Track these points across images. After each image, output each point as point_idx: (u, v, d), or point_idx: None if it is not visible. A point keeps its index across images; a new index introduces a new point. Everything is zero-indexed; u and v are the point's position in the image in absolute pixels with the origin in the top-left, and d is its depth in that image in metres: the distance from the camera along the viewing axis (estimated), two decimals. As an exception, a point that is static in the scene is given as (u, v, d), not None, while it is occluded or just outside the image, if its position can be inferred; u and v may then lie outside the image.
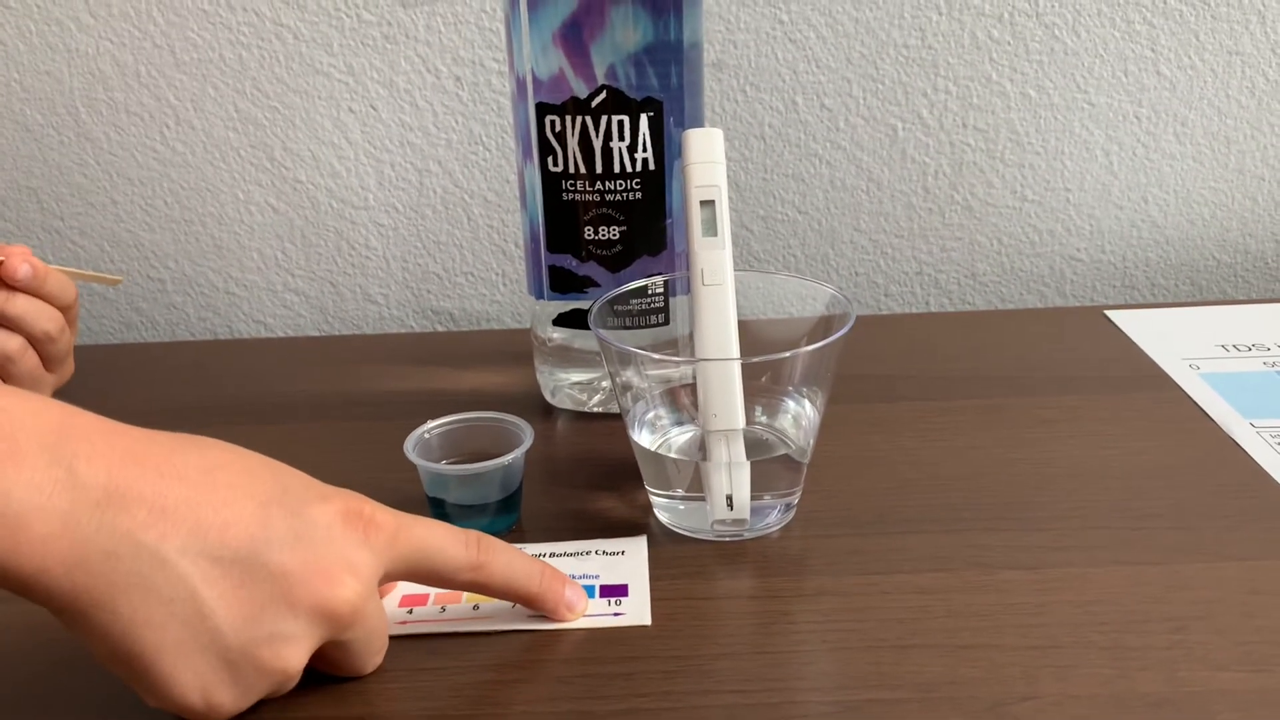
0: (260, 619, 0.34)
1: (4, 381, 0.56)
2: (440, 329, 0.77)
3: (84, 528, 0.32)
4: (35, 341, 0.56)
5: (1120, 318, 0.67)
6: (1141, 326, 0.65)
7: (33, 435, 0.32)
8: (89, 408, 0.35)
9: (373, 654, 0.38)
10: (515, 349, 0.64)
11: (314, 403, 0.61)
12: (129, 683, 0.34)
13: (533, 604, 0.41)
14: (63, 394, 0.60)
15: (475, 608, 0.42)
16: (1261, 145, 0.73)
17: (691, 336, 0.45)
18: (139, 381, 0.65)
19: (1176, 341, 0.63)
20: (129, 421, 0.35)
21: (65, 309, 0.57)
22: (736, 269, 0.45)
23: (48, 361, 0.57)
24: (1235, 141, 0.72)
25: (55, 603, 0.32)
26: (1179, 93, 0.71)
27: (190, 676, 0.33)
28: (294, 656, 0.35)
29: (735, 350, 0.44)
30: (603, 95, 0.52)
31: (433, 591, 0.43)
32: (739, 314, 0.45)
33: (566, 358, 0.57)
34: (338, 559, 0.35)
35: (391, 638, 0.40)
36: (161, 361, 0.69)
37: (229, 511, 0.34)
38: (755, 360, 0.44)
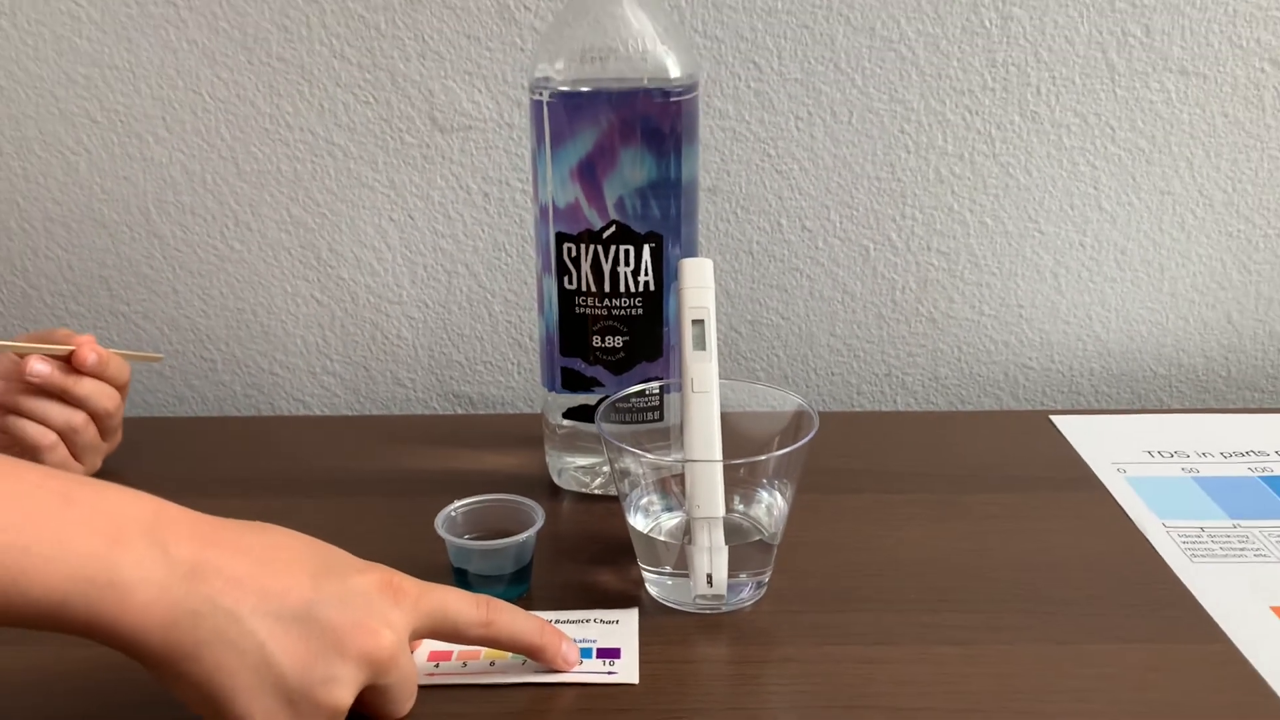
0: (315, 665, 0.41)
1: (69, 450, 0.63)
2: (460, 411, 0.83)
3: (175, 594, 0.39)
4: (96, 417, 0.63)
5: (1062, 423, 0.72)
6: (1080, 432, 0.71)
7: (133, 523, 0.40)
8: (145, 474, 0.43)
9: (406, 699, 0.45)
10: (526, 432, 0.70)
11: (348, 478, 0.67)
12: (211, 720, 0.41)
13: (535, 654, 0.48)
14: (122, 459, 0.66)
15: (492, 664, 0.49)
16: (1191, 273, 0.79)
17: (682, 433, 0.52)
18: (189, 452, 0.70)
19: (1109, 446, 0.69)
20: (180, 488, 0.43)
21: (121, 388, 0.64)
22: (722, 377, 0.52)
23: (104, 433, 0.64)
24: (1168, 269, 0.79)
25: (152, 658, 0.39)
26: (1119, 225, 0.78)
27: (260, 713, 0.40)
28: (343, 695, 0.42)
29: (718, 452, 0.51)
30: (612, 229, 0.59)
31: (456, 648, 0.50)
32: (723, 408, 0.52)
33: (573, 444, 0.64)
34: (376, 617, 0.42)
35: (420, 687, 0.46)
36: (209, 434, 0.74)
37: (289, 580, 0.42)
38: (735, 462, 0.52)
